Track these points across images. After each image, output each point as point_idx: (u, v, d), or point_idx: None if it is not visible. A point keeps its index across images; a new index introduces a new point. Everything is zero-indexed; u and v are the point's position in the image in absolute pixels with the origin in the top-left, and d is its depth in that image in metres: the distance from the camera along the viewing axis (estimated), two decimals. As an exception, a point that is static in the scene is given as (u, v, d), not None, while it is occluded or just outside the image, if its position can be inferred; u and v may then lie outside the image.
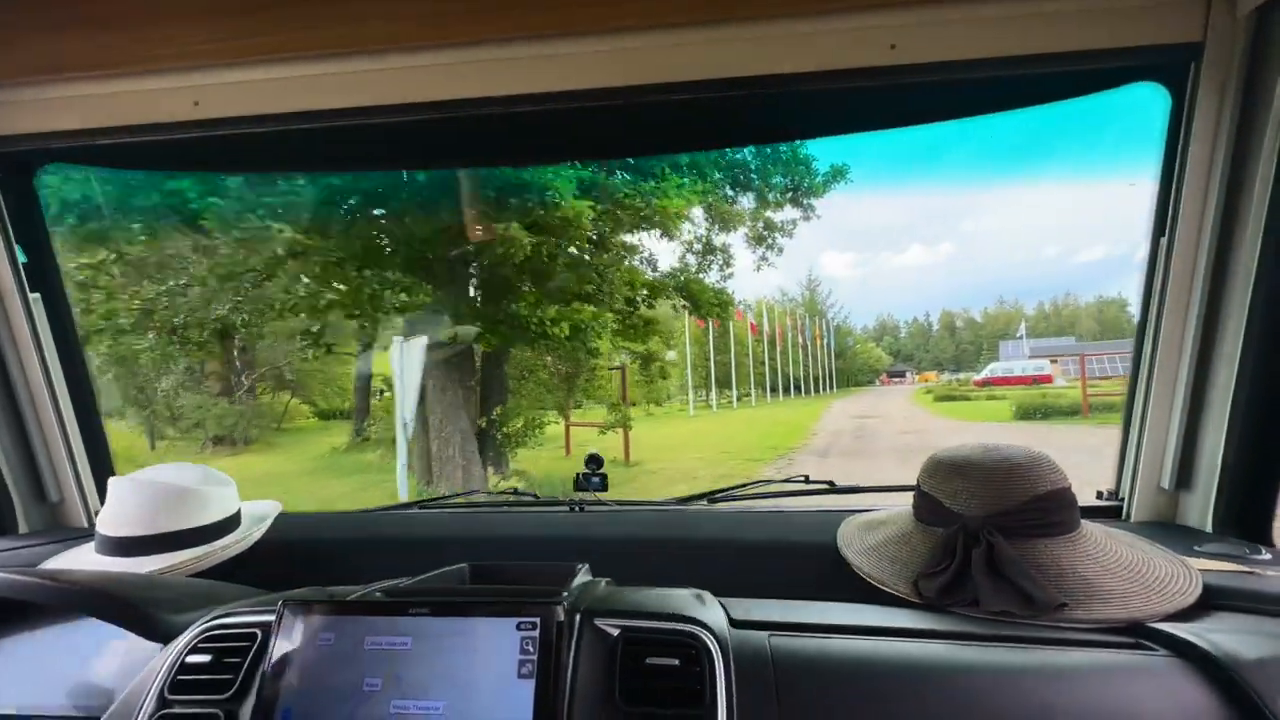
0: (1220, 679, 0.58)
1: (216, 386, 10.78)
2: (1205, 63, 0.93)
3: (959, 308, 62.99)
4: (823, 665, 0.62)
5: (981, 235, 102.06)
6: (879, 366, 45.61)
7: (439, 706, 0.57)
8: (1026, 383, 24.45)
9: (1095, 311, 57.11)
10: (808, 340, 32.04)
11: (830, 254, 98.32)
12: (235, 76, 1.09)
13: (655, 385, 16.91)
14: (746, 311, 24.20)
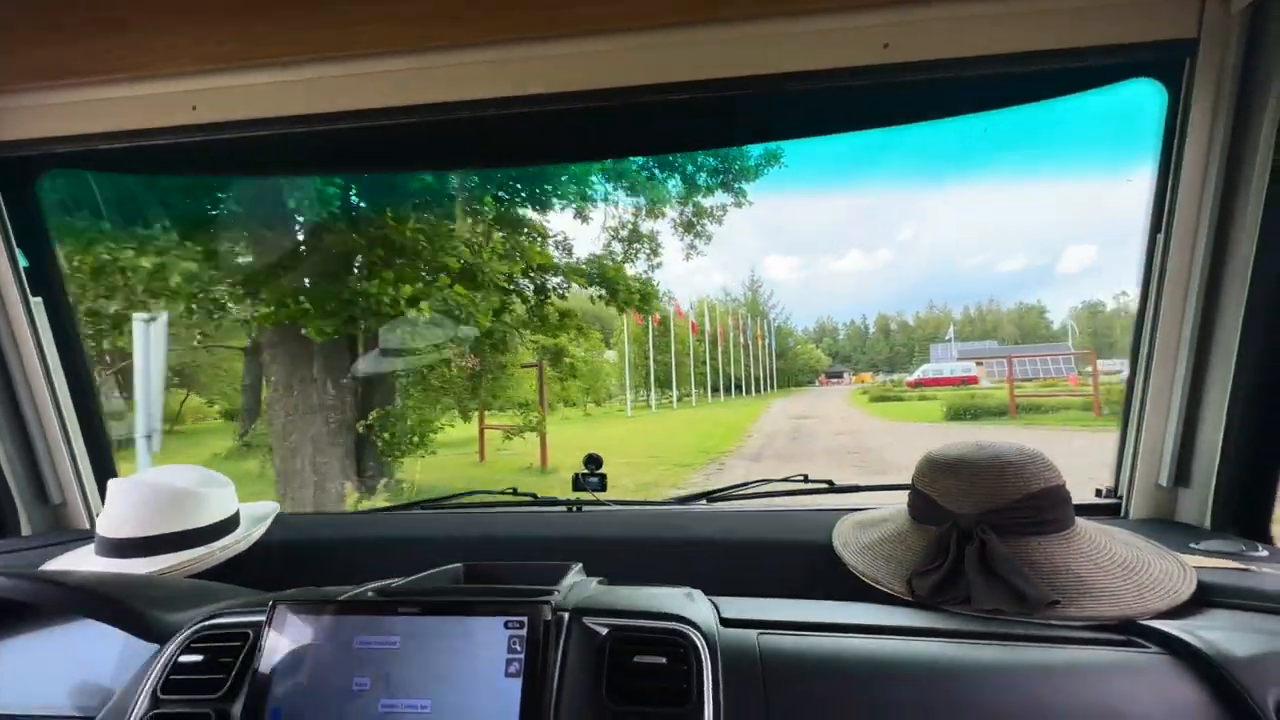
0: (1211, 676, 0.58)
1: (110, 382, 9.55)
2: (1200, 59, 0.93)
3: (894, 311, 65.47)
4: (812, 663, 0.62)
5: (916, 243, 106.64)
6: (818, 367, 46.67)
7: (427, 705, 0.58)
8: (955, 384, 25.67)
9: (1016, 317, 60.38)
10: (749, 340, 32.12)
11: (774, 257, 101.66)
12: (234, 81, 1.09)
13: (567, 385, 16.34)
14: (688, 311, 23.93)
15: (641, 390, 22.59)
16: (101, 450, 1.38)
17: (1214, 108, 0.93)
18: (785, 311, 58.07)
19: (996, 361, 37.42)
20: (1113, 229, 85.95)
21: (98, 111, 1.14)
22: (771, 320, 40.89)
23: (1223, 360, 0.96)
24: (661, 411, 19.90)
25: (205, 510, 1.07)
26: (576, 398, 18.90)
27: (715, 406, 22.04)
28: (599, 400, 21.28)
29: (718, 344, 26.34)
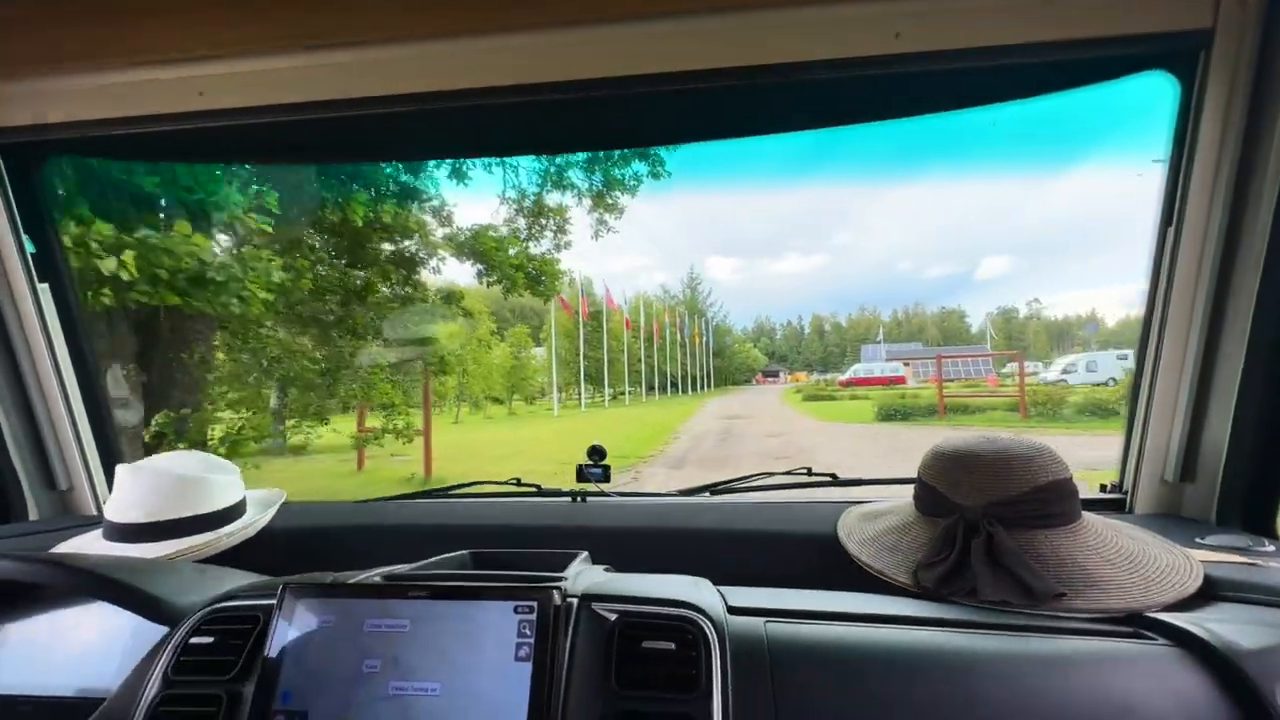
0: (1218, 668, 0.58)
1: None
2: (1215, 50, 0.92)
3: (828, 312, 67.26)
4: (818, 651, 0.62)
5: (851, 249, 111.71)
6: (756, 366, 47.17)
7: (436, 688, 0.58)
8: (884, 383, 26.36)
9: (939, 320, 62.67)
10: (687, 338, 31.78)
11: (715, 258, 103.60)
12: (241, 67, 1.09)
13: (469, 382, 15.31)
14: (622, 306, 23.13)
15: (574, 388, 21.63)
16: (108, 436, 1.39)
17: (1228, 100, 0.92)
18: (724, 310, 58.57)
19: (921, 362, 38.88)
20: (1023, 238, 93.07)
21: (104, 97, 1.14)
22: (710, 319, 40.87)
23: (1232, 355, 0.96)
24: (592, 411, 19.00)
25: (212, 496, 1.08)
26: (495, 394, 17.75)
27: (649, 405, 21.41)
28: (530, 398, 20.17)
29: (653, 341, 25.70)
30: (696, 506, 1.20)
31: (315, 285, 4.37)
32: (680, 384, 30.39)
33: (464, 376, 16.17)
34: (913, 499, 0.91)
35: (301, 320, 4.58)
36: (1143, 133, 1.29)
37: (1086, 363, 21.09)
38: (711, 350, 37.23)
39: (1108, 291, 64.72)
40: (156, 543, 1.02)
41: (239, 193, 3.54)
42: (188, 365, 4.02)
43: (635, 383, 24.60)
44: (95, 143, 1.24)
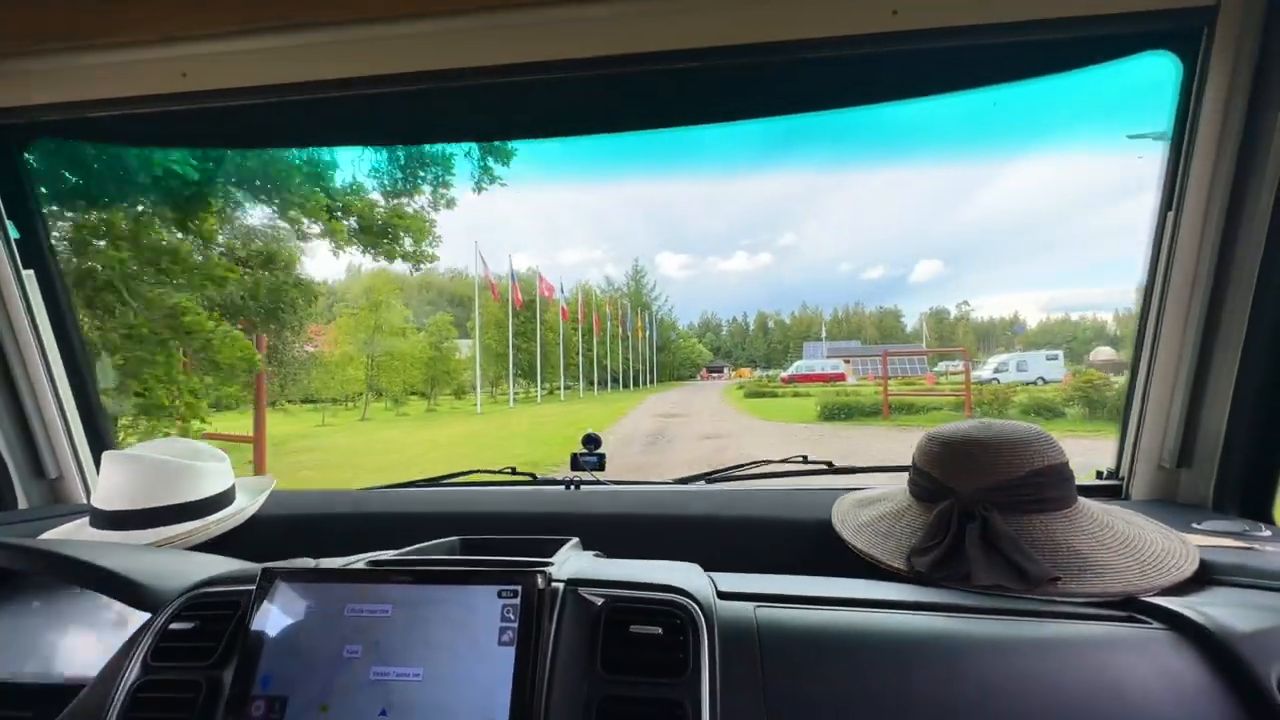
0: (1213, 651, 0.58)
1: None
2: (1219, 28, 0.90)
3: (772, 310, 68.25)
4: (809, 636, 0.61)
5: (794, 249, 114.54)
6: (700, 361, 47.14)
7: (419, 672, 0.57)
8: (824, 380, 26.78)
9: (877, 320, 65.07)
10: (629, 331, 30.82)
11: (666, 254, 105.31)
12: (225, 47, 1.06)
13: (379, 374, 13.90)
14: (560, 296, 21.81)
15: (520, 381, 20.28)
16: (97, 424, 1.37)
17: (1231, 80, 0.91)
18: (669, 304, 58.41)
19: (860, 360, 39.51)
20: (953, 245, 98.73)
21: (85, 79, 1.11)
22: (655, 312, 39.98)
23: (1231, 340, 0.95)
24: (522, 407, 17.70)
25: (201, 484, 1.07)
26: (414, 388, 16.20)
27: (586, 402, 20.27)
28: (461, 392, 18.66)
29: (594, 334, 24.56)
30: (691, 494, 1.18)
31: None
32: (622, 379, 29.45)
33: (374, 368, 14.60)
34: (908, 485, 0.91)
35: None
36: (1070, 141, 1.75)
37: (1017, 362, 21.61)
38: (655, 345, 36.44)
39: (1030, 296, 68.71)
40: (144, 530, 1.00)
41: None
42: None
43: (575, 377, 23.45)
44: (76, 125, 1.23)
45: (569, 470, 1.33)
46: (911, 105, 1.09)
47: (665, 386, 34.55)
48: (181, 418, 4.18)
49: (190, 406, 4.21)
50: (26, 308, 1.23)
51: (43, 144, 1.33)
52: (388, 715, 0.56)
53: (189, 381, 4.15)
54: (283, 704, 0.57)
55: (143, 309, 3.68)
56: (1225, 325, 0.95)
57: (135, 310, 3.69)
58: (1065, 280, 76.83)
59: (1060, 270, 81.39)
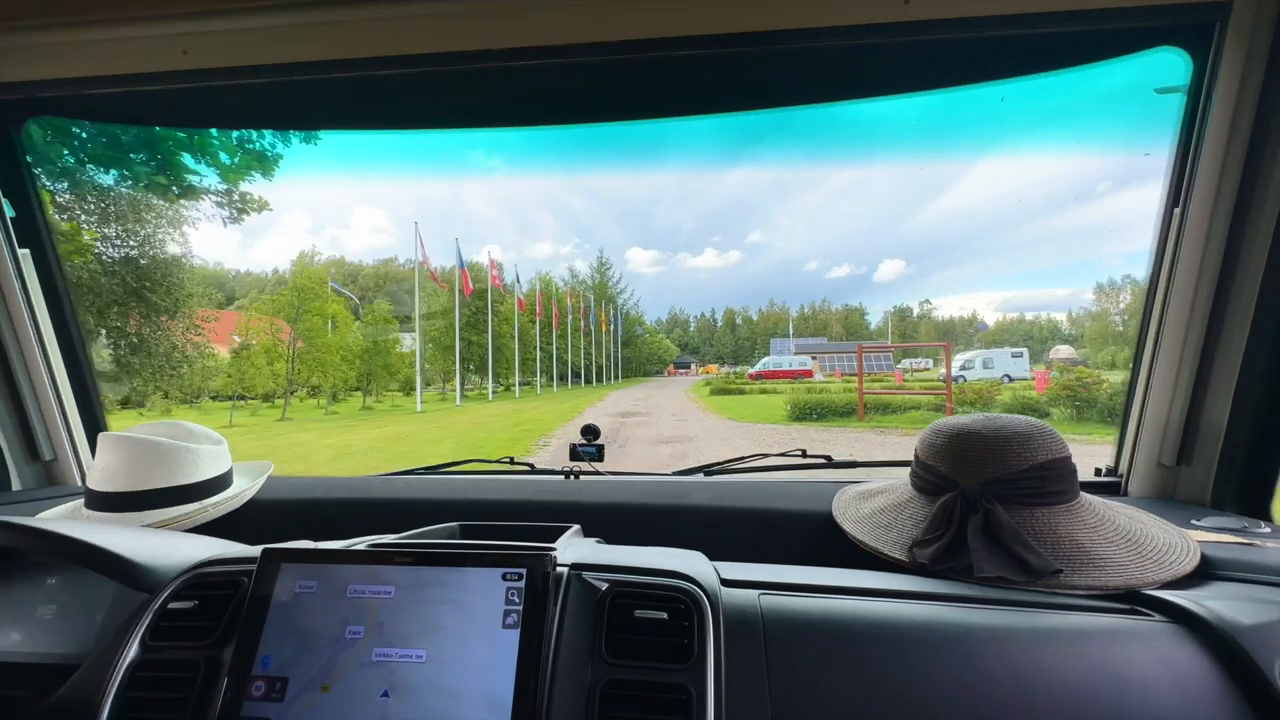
0: (1216, 644, 0.58)
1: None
2: (1231, 25, 0.89)
3: (740, 306, 68.32)
4: (813, 623, 0.61)
5: (762, 247, 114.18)
6: (667, 357, 46.38)
7: (422, 654, 0.57)
8: (792, 376, 26.76)
9: (842, 317, 65.86)
10: (592, 325, 29.58)
11: (637, 250, 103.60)
12: (226, 25, 1.04)
13: (301, 367, 12.48)
14: (513, 283, 20.39)
15: (472, 378, 18.80)
16: (92, 405, 1.36)
17: (1242, 78, 0.90)
18: (636, 297, 57.46)
19: (827, 356, 39.20)
20: (916, 245, 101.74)
21: (82, 55, 1.09)
22: (621, 306, 38.79)
23: (1234, 339, 0.95)
24: (471, 406, 16.29)
25: (198, 466, 1.06)
26: (348, 383, 14.67)
27: (541, 399, 19.00)
28: (409, 387, 17.16)
29: (553, 327, 23.27)
30: (690, 485, 1.17)
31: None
32: (584, 375, 28.21)
33: (296, 362, 13.07)
34: (909, 478, 0.90)
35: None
36: (1029, 146, 1.85)
37: (983, 360, 21.32)
38: (619, 339, 35.23)
39: (987, 296, 71.11)
40: (140, 512, 0.99)
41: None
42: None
43: (531, 373, 22.14)
44: (74, 102, 1.19)
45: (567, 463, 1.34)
46: (881, 104, 1.10)
47: (630, 383, 33.46)
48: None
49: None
50: (22, 287, 1.22)
51: (39, 121, 1.27)
52: (390, 696, 0.55)
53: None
54: (283, 684, 0.57)
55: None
56: (1228, 323, 0.95)
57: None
58: (1020, 282, 78.74)
59: (1015, 272, 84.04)
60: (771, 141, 39.06)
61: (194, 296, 7.49)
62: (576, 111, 1.25)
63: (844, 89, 1.09)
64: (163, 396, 9.09)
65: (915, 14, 0.91)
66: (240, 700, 0.56)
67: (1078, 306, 44.78)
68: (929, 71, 1.04)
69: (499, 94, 1.17)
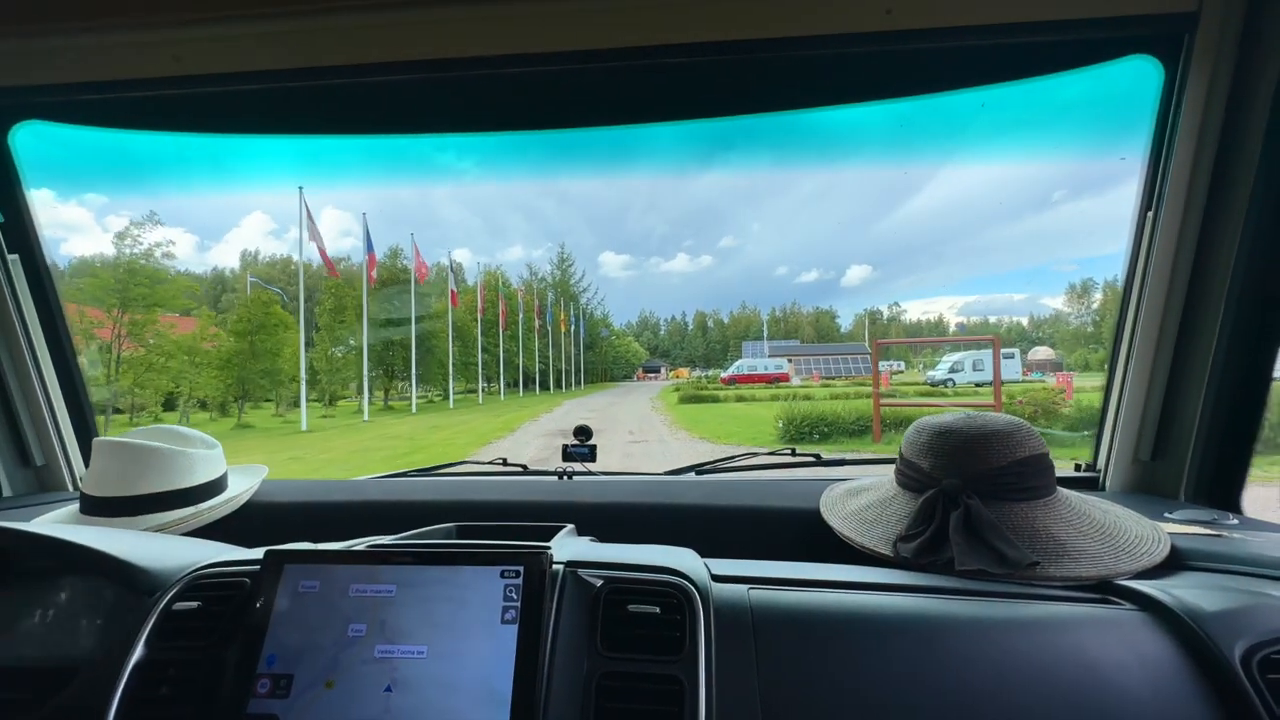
0: (1182, 630, 0.60)
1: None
2: (1200, 34, 0.93)
3: (711, 309, 67.65)
4: (800, 616, 0.63)
5: (733, 252, 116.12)
6: (636, 361, 44.25)
7: (423, 650, 0.58)
8: (767, 380, 25.68)
9: (813, 319, 67.24)
10: (549, 325, 26.76)
11: (609, 254, 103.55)
12: (218, 31, 1.04)
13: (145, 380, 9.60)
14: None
15: (397, 384, 15.87)
16: (83, 411, 1.35)
17: (1210, 84, 0.93)
18: (601, 295, 55.16)
19: (804, 358, 37.28)
20: (882, 250, 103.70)
21: (74, 60, 1.08)
22: (585, 305, 36.02)
23: (1206, 338, 0.97)
24: (381, 421, 13.35)
25: (193, 470, 1.06)
26: (212, 395, 11.66)
27: (477, 410, 16.16)
28: (331, 396, 14.16)
29: (499, 326, 20.45)
30: (681, 484, 1.19)
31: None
32: (539, 380, 25.43)
33: (121, 366, 10.04)
34: (894, 475, 0.92)
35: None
36: (990, 153, 1.73)
37: (973, 361, 19.67)
38: (582, 341, 32.47)
39: (950, 300, 72.55)
40: (135, 517, 0.99)
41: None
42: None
43: (477, 377, 19.28)
44: (64, 108, 1.19)
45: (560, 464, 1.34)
46: (848, 111, 1.11)
47: (595, 388, 30.89)
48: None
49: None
50: (11, 293, 1.22)
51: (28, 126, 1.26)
52: (393, 691, 0.56)
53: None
54: (288, 681, 0.58)
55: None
56: (1200, 323, 0.99)
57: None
58: (980, 287, 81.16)
59: (975, 277, 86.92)
60: (743, 147, 39.24)
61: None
62: (554, 117, 1.24)
63: (827, 95, 1.11)
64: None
65: (897, 23, 0.94)
66: (246, 696, 0.57)
67: (1037, 310, 45.48)
68: (910, 78, 1.07)
69: (479, 100, 1.17)
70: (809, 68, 1.04)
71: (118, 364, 10.32)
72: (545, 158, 23.10)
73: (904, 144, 27.44)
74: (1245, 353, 0.93)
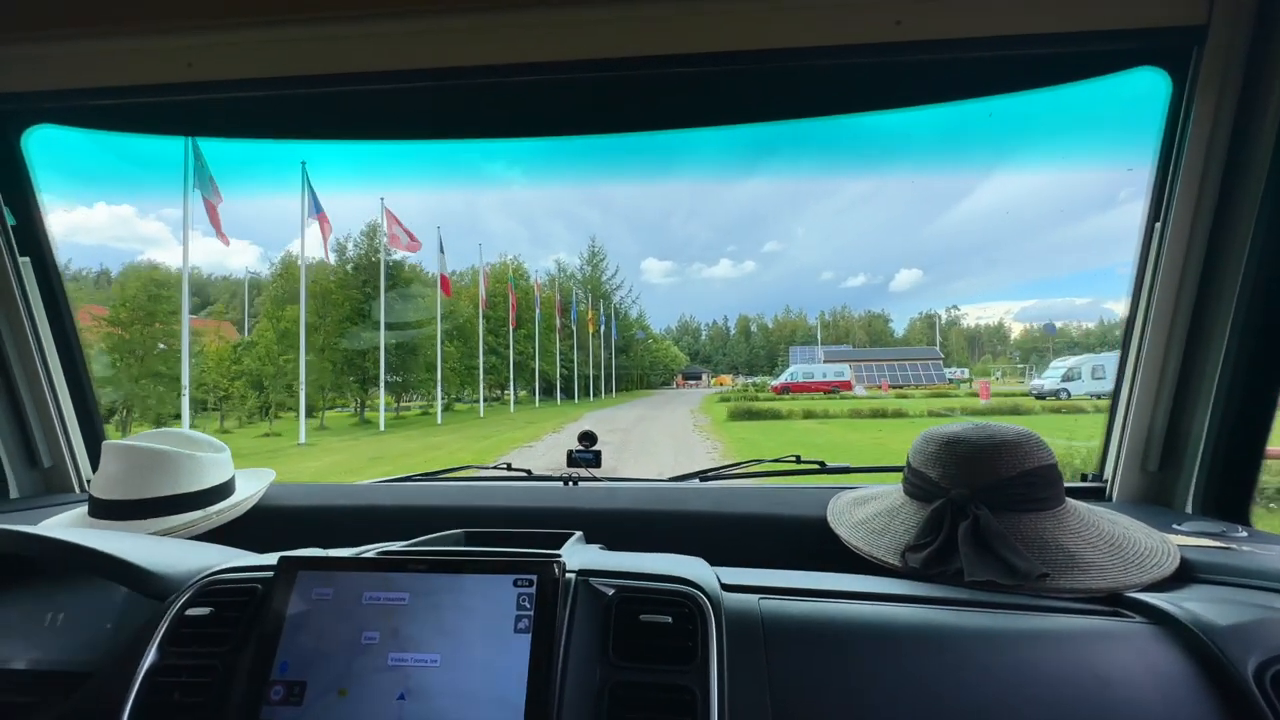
0: (1194, 644, 0.59)
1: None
2: (1208, 47, 0.93)
3: (754, 313, 65.31)
4: (810, 626, 0.63)
5: (777, 256, 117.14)
6: (675, 366, 41.14)
7: (436, 659, 0.58)
8: (826, 389, 23.51)
9: (865, 324, 64.61)
10: (574, 324, 23.46)
11: (652, 260, 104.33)
12: (231, 38, 1.05)
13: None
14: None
15: (369, 391, 12.93)
16: (90, 413, 1.36)
17: (1219, 96, 0.93)
18: (636, 294, 52.65)
19: (865, 365, 32.89)
20: (934, 254, 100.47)
21: (88, 66, 1.10)
22: (618, 304, 32.57)
23: (1214, 349, 0.97)
24: (324, 442, 10.20)
25: (202, 474, 1.06)
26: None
27: (473, 426, 12.84)
28: (312, 410, 11.35)
29: (509, 323, 17.26)
30: (687, 491, 1.18)
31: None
32: (563, 387, 22.20)
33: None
34: (902, 484, 0.92)
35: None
36: (1048, 155, 1.63)
37: (1092, 368, 15.19)
38: (614, 344, 29.02)
39: (1008, 305, 68.89)
40: (144, 520, 1.00)
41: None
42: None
43: (501, 384, 16.21)
44: (78, 112, 1.20)
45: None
46: (894, 115, 1.13)
47: (628, 396, 27.55)
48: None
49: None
50: (22, 295, 1.23)
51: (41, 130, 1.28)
52: (406, 699, 0.57)
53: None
54: (301, 688, 0.58)
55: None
56: (1208, 334, 0.98)
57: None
58: (1036, 291, 78.60)
59: (1035, 280, 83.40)
60: (786, 153, 40.75)
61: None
62: (581, 123, 1.26)
63: (839, 103, 1.13)
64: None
65: (906, 34, 0.96)
66: (259, 703, 0.58)
67: (1107, 316, 42.85)
68: (920, 88, 1.08)
69: (499, 107, 1.18)
70: (822, 76, 1.06)
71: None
72: (584, 166, 23.64)
73: (954, 149, 26.85)
74: (1253, 364, 0.94)
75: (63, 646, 0.72)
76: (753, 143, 43.27)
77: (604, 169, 26.32)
